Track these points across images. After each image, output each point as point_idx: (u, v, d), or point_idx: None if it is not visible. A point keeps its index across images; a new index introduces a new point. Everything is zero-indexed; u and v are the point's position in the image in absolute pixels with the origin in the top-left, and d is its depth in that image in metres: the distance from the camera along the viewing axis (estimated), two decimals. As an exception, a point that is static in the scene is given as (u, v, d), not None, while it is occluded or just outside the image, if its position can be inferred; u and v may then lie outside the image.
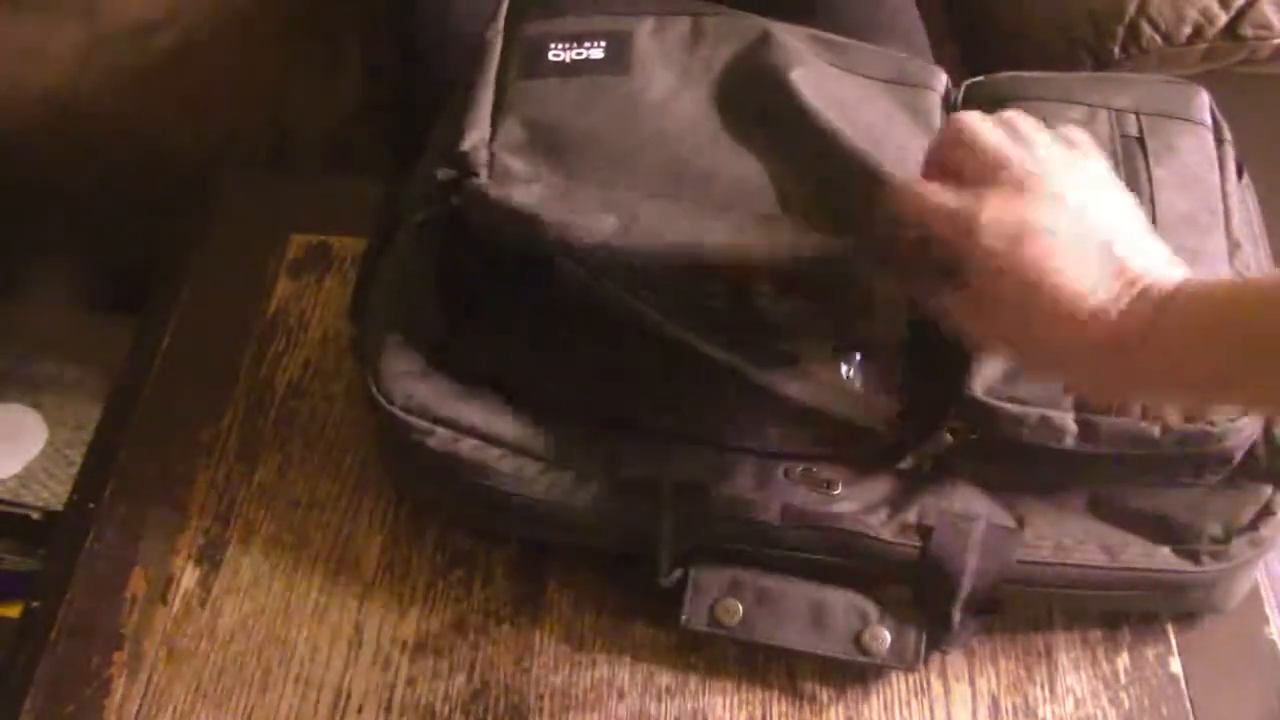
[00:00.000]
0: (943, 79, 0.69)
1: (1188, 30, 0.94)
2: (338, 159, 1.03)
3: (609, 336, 0.63)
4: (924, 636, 0.61)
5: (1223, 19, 0.94)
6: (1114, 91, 0.68)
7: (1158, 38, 0.94)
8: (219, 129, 1.04)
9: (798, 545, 0.61)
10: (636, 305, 0.62)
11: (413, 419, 0.62)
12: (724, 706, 0.62)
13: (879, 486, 0.63)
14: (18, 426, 1.27)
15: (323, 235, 0.80)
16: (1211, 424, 0.60)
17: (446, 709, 0.62)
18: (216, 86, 1.04)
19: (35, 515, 1.15)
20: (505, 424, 0.63)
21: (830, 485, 0.62)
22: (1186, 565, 0.61)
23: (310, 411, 0.72)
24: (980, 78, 0.71)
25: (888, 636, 0.61)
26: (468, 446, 0.62)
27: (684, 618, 0.61)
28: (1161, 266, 0.49)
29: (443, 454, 0.62)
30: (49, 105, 1.06)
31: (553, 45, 0.67)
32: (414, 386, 0.63)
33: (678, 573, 0.62)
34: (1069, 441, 0.60)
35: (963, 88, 0.70)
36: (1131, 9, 0.95)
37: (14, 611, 0.99)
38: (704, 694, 0.63)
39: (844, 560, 0.61)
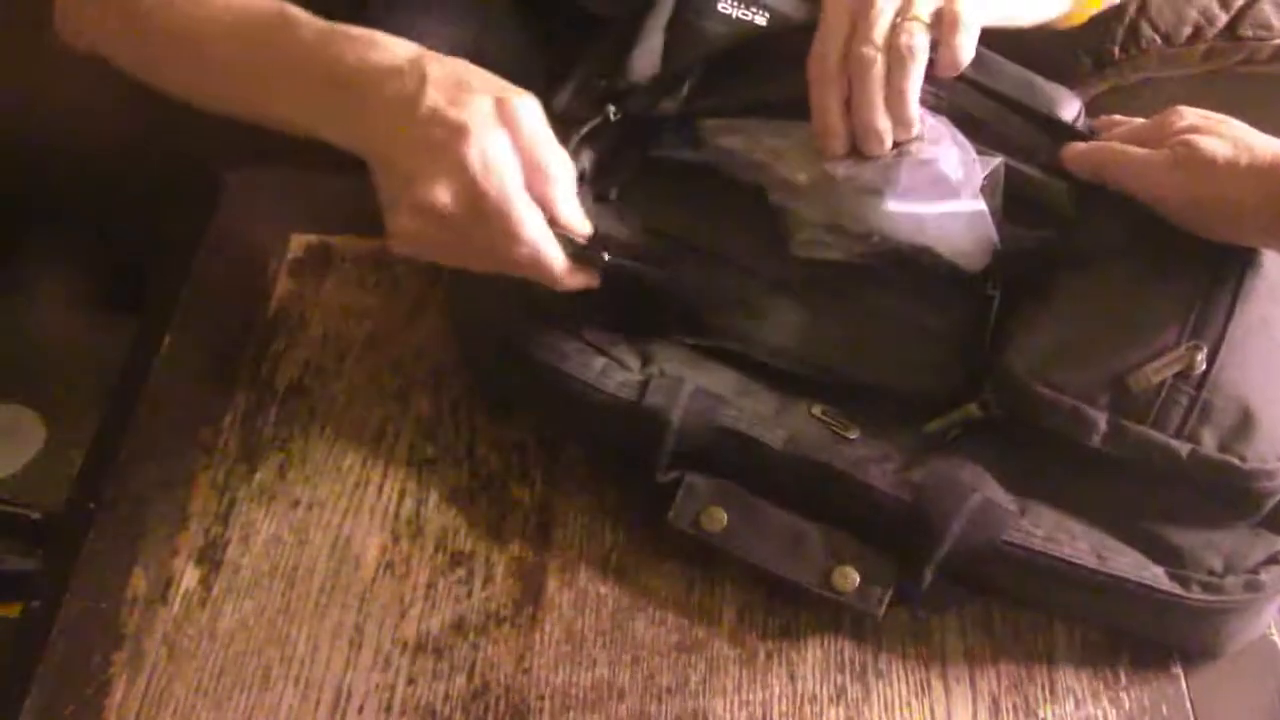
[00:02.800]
0: (1074, 105, 0.70)
1: (1188, 31, 0.94)
2: (337, 159, 1.03)
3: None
4: (891, 588, 0.62)
5: (1223, 19, 0.94)
6: None
7: (1157, 38, 0.94)
8: (219, 129, 1.04)
9: (795, 475, 0.62)
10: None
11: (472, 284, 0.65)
12: (724, 707, 0.62)
13: (896, 443, 0.64)
14: (18, 426, 1.27)
15: (323, 235, 0.80)
16: (1242, 458, 0.60)
17: (446, 709, 0.62)
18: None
19: (35, 515, 1.15)
20: (555, 300, 0.64)
21: (847, 429, 0.64)
22: (1175, 589, 0.61)
23: (310, 411, 0.72)
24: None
25: (856, 578, 0.62)
26: (516, 313, 0.65)
27: (671, 514, 0.63)
28: None
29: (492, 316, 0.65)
30: (48, 106, 1.06)
31: (721, 2, 0.69)
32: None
33: (674, 474, 0.63)
34: (1095, 440, 0.60)
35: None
36: (1131, 10, 0.95)
37: (14, 611, 0.99)
38: (704, 694, 0.63)
39: (836, 499, 0.62)
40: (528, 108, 0.58)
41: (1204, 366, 0.60)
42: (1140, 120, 0.69)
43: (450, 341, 0.75)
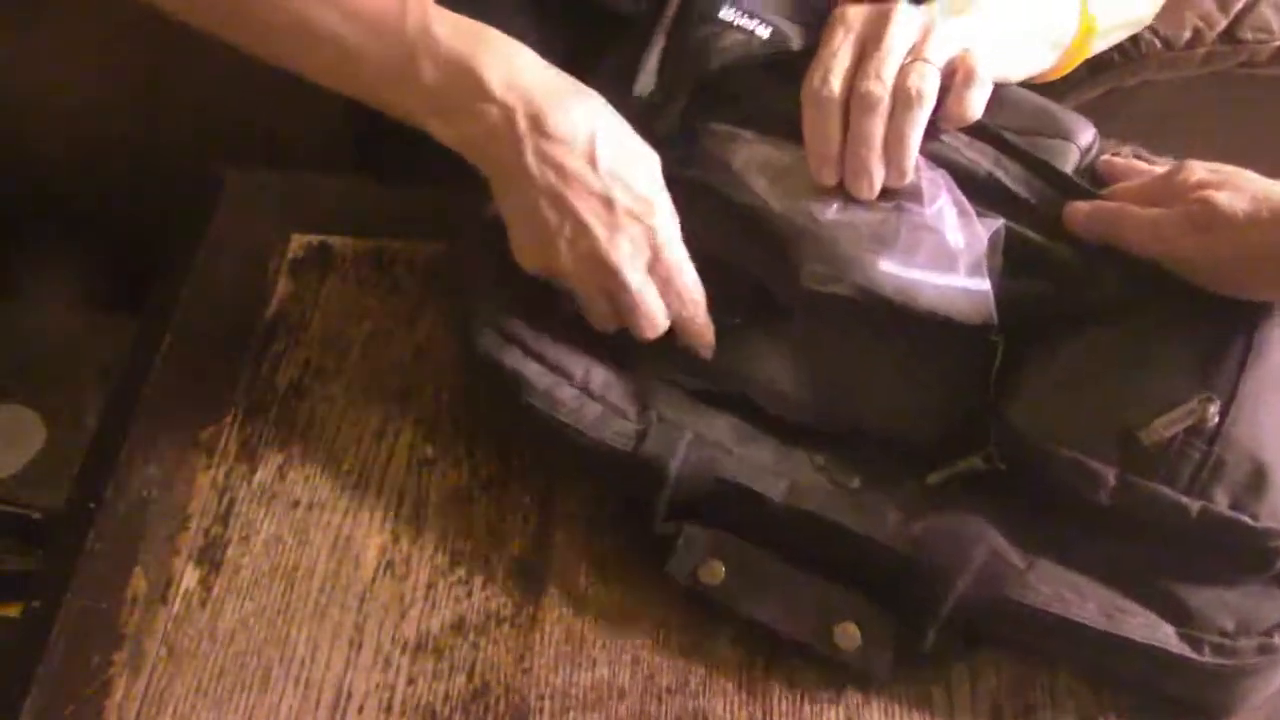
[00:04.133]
0: (1089, 133, 0.69)
1: (1187, 35, 0.94)
2: (338, 159, 1.03)
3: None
4: (892, 648, 0.60)
5: (1222, 23, 0.94)
6: None
7: (1157, 42, 0.94)
8: (219, 129, 1.04)
9: (795, 528, 0.61)
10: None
11: (472, 319, 0.66)
12: (724, 707, 0.62)
13: (898, 495, 0.62)
14: (18, 426, 1.27)
15: (323, 235, 0.80)
16: (1255, 517, 0.58)
17: (446, 709, 0.62)
18: (216, 86, 1.04)
19: (35, 515, 1.15)
20: (550, 345, 0.65)
21: (849, 479, 0.62)
22: (1186, 650, 0.58)
23: (310, 411, 0.72)
24: (1105, 156, 0.71)
25: (858, 636, 0.60)
26: (512, 356, 0.64)
27: (668, 565, 0.62)
28: None
29: (489, 357, 0.64)
30: (48, 106, 1.06)
31: (725, 6, 0.68)
32: (485, 293, 0.67)
33: (672, 525, 0.62)
34: (1103, 496, 0.58)
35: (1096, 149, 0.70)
36: (1131, 12, 0.95)
37: (14, 611, 0.99)
38: (704, 694, 0.63)
39: (838, 552, 0.61)
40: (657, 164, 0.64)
41: (1216, 420, 0.57)
42: (1151, 169, 0.67)
43: (450, 341, 0.75)
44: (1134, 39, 0.95)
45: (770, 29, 0.68)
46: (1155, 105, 0.98)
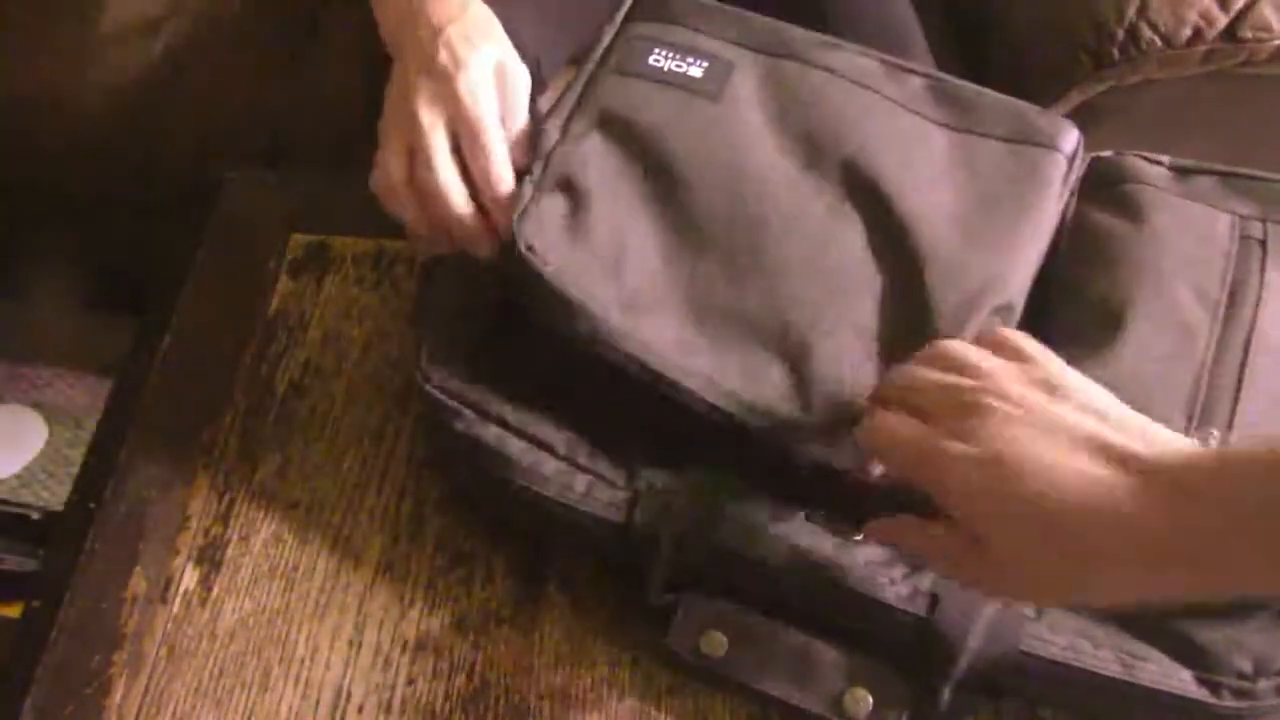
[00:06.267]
0: (1073, 137, 0.67)
1: (1187, 33, 0.94)
2: (338, 159, 1.03)
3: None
4: (907, 711, 0.58)
5: (1222, 21, 0.94)
6: (1241, 199, 0.66)
7: (1157, 40, 0.94)
8: (219, 129, 1.04)
9: (797, 589, 0.59)
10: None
11: (444, 398, 0.63)
12: (724, 706, 0.62)
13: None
14: (18, 426, 1.27)
15: (323, 235, 0.81)
16: None
17: (446, 709, 0.62)
18: (216, 86, 1.04)
19: (35, 515, 1.15)
20: (530, 417, 0.63)
21: (849, 531, 0.60)
22: (1205, 695, 0.57)
23: (310, 411, 0.72)
24: (1108, 153, 0.69)
25: (870, 702, 0.58)
26: (491, 434, 0.63)
27: (668, 639, 0.60)
28: (1150, 435, 0.47)
29: (466, 436, 0.63)
30: (48, 106, 1.06)
31: (656, 50, 0.67)
32: (453, 368, 0.64)
33: (670, 596, 0.61)
34: None
35: (1086, 160, 0.68)
36: (1131, 12, 0.95)
37: (14, 611, 0.99)
38: (704, 694, 0.62)
39: (843, 614, 0.59)
40: (520, 76, 0.66)
41: None
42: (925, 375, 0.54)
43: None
44: (1134, 37, 0.95)
45: (704, 65, 0.67)
46: (1155, 104, 0.98)
